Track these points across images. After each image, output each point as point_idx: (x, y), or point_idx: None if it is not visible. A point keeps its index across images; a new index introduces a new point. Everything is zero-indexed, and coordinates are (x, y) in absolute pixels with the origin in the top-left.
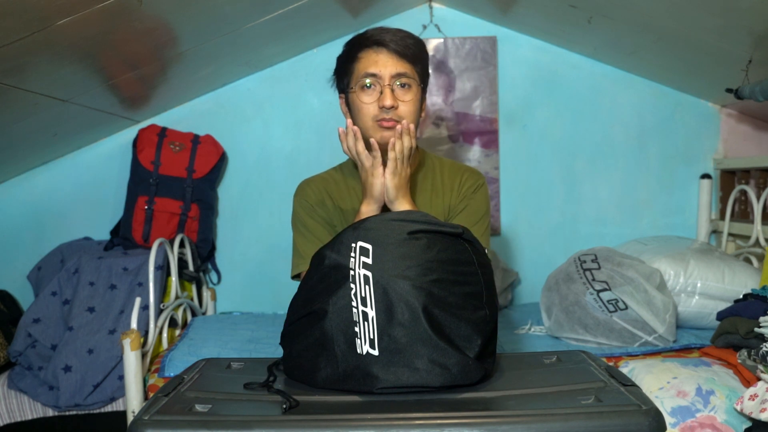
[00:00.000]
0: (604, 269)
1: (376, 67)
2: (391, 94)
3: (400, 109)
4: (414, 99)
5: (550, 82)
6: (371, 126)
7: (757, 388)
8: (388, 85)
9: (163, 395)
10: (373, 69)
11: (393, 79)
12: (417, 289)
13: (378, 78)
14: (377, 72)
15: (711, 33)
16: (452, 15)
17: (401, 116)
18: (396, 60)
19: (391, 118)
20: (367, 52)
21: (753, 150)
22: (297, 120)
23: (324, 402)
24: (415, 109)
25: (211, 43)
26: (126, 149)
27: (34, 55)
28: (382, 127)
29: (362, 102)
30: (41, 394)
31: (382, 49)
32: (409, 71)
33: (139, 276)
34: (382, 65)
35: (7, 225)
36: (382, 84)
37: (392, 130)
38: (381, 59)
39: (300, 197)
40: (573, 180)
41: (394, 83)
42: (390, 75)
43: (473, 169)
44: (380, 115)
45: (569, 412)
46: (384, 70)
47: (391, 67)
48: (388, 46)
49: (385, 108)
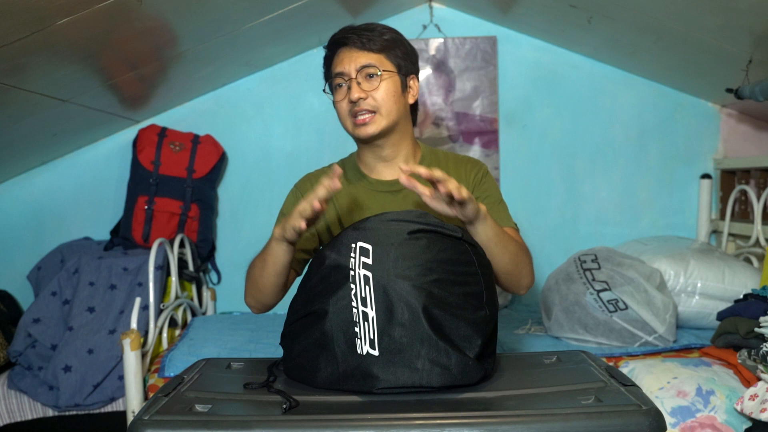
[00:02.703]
0: (604, 269)
1: (342, 65)
2: (357, 86)
3: (370, 99)
4: (384, 87)
5: (550, 82)
6: (349, 123)
7: (757, 388)
8: (354, 79)
9: (163, 395)
10: (339, 68)
11: (358, 72)
12: (417, 289)
13: (344, 75)
14: (342, 70)
15: (711, 33)
16: (452, 15)
17: (373, 106)
18: (358, 53)
19: (363, 109)
20: (335, 54)
21: (753, 150)
22: (297, 120)
23: (324, 402)
24: (389, 96)
25: (211, 43)
26: (126, 149)
27: (34, 55)
28: (357, 124)
29: (336, 101)
30: (41, 394)
31: (344, 48)
32: (375, 61)
33: (139, 276)
34: (346, 62)
35: (7, 225)
36: (348, 79)
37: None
38: (345, 57)
39: (298, 189)
40: (573, 180)
41: (359, 76)
42: (355, 69)
43: (472, 159)
44: (353, 109)
45: (569, 412)
46: (348, 66)
47: (354, 62)
48: (348, 43)
49: (353, 102)
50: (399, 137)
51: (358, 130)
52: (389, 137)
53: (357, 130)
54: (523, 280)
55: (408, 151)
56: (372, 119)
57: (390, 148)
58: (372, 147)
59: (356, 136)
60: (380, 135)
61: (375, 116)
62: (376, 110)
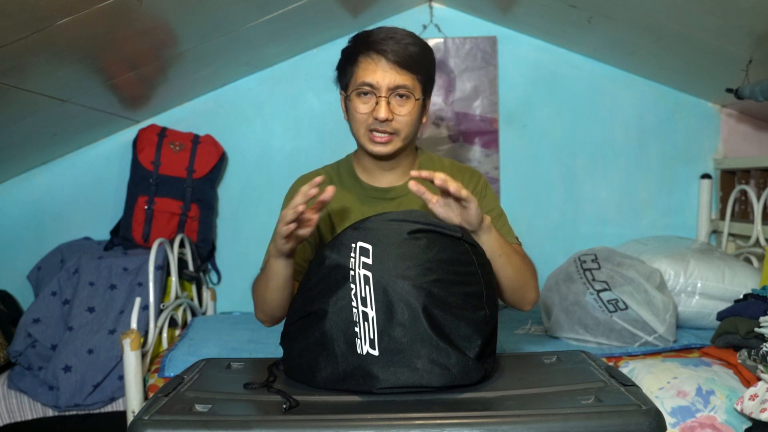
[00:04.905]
0: (604, 269)
1: (374, 77)
2: (387, 107)
3: (395, 122)
4: (411, 110)
5: (550, 82)
6: (363, 135)
7: (757, 388)
8: (384, 97)
9: (163, 395)
10: (370, 78)
11: (390, 91)
12: (417, 289)
13: (375, 88)
14: (374, 82)
15: (711, 33)
16: (452, 15)
17: (396, 129)
18: (396, 72)
19: (384, 131)
20: (366, 59)
21: (753, 150)
22: (297, 120)
23: (324, 402)
24: (412, 121)
25: (211, 43)
26: (126, 149)
27: (34, 55)
28: (373, 141)
29: (356, 110)
30: (41, 394)
31: (382, 59)
32: (409, 83)
33: (139, 276)
34: (380, 76)
35: (7, 225)
36: (378, 95)
37: (385, 145)
38: (380, 69)
39: (293, 194)
40: (573, 180)
41: (391, 95)
42: (387, 87)
43: (471, 169)
44: (373, 125)
45: (569, 412)
46: (382, 81)
47: (389, 78)
48: (387, 56)
49: (379, 120)
50: (403, 152)
51: (373, 147)
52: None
53: (372, 147)
54: (528, 295)
55: (408, 162)
56: (390, 140)
57: (393, 162)
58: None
59: (368, 151)
60: (391, 155)
61: (393, 137)
62: (397, 133)
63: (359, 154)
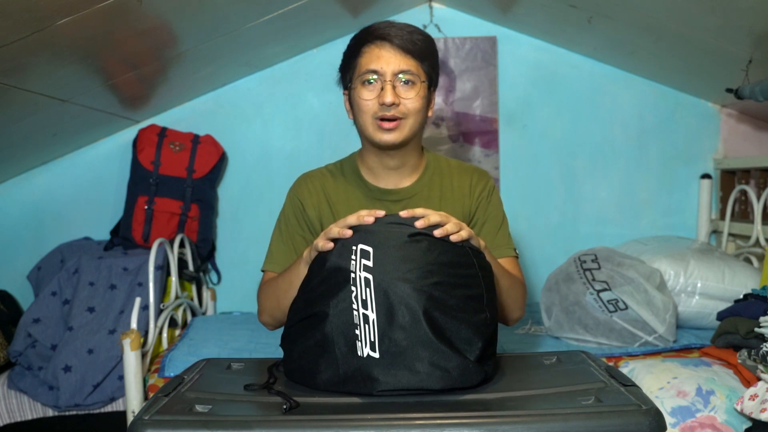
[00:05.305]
0: (604, 269)
1: (378, 63)
2: (392, 90)
3: (402, 106)
4: (418, 96)
5: (550, 82)
6: (371, 124)
7: (757, 388)
8: (390, 82)
9: (163, 395)
10: (374, 65)
11: (395, 75)
12: (418, 291)
13: (380, 74)
14: (379, 68)
15: (711, 33)
16: (452, 15)
17: (404, 113)
18: (400, 56)
19: (393, 116)
20: (370, 47)
21: (753, 150)
22: (297, 120)
23: (324, 403)
24: (420, 107)
25: (211, 43)
26: (126, 149)
27: (34, 55)
28: (381, 128)
29: (362, 98)
30: (41, 394)
31: (386, 44)
32: (414, 68)
33: (139, 276)
34: (384, 61)
35: (7, 225)
36: (383, 80)
37: (392, 132)
38: (384, 55)
39: (294, 193)
40: (573, 180)
41: (397, 80)
42: (392, 72)
43: (481, 170)
44: (380, 112)
45: (569, 412)
46: (386, 66)
47: (394, 63)
48: (392, 41)
49: (386, 105)
50: (410, 149)
51: (381, 135)
52: (402, 148)
53: (380, 135)
54: (513, 314)
55: (414, 162)
56: (398, 126)
57: (398, 159)
58: (380, 154)
59: (376, 141)
60: (399, 145)
61: (401, 123)
62: (404, 117)
63: (363, 154)
